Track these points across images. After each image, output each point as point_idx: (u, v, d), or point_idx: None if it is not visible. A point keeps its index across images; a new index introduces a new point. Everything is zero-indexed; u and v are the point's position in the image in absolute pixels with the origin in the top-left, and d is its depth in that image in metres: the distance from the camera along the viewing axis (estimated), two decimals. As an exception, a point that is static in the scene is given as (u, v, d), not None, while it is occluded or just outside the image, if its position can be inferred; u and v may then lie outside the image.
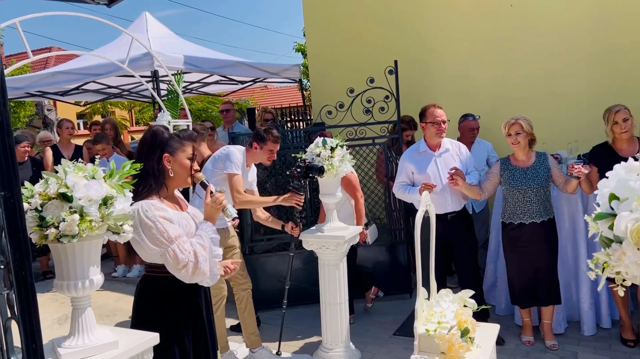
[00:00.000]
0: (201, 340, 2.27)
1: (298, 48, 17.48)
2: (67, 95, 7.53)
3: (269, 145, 3.67)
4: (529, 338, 3.91)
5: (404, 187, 3.93)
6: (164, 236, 2.06)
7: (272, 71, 7.16)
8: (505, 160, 3.84)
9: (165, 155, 2.20)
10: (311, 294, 4.39)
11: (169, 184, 2.24)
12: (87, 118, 16.49)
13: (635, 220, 1.09)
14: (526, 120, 3.69)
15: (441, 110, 3.85)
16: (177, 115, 4.16)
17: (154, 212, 2.08)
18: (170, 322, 2.17)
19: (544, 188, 3.70)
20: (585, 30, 5.06)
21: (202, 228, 2.20)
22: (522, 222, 3.72)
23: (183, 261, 2.05)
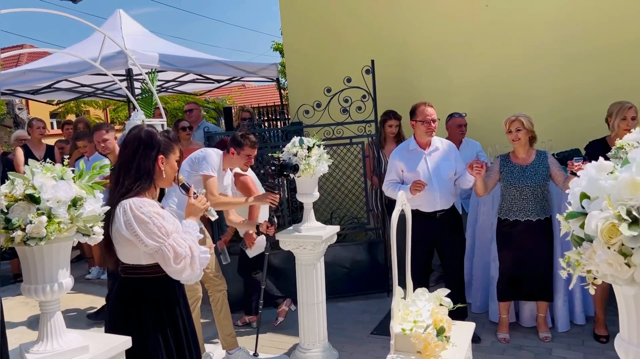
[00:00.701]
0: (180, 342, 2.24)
1: (276, 47, 17.42)
2: (38, 94, 7.36)
3: (246, 150, 3.65)
4: (504, 335, 3.95)
5: (393, 185, 3.90)
6: (161, 231, 2.05)
7: (249, 70, 7.11)
8: (505, 156, 3.86)
9: (161, 156, 2.22)
10: (288, 294, 4.37)
11: (157, 185, 2.26)
12: (60, 117, 16.17)
13: (605, 219, 1.10)
14: (527, 117, 3.70)
15: (432, 109, 3.83)
16: (152, 114, 4.10)
17: (148, 208, 2.07)
18: (146, 325, 2.14)
19: (541, 187, 3.72)
20: (559, 30, 5.13)
21: (188, 226, 2.21)
22: (517, 219, 3.75)
23: (182, 254, 2.05)
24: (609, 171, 1.17)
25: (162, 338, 2.16)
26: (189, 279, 2.14)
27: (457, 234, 3.96)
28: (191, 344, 2.30)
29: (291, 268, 3.88)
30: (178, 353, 2.22)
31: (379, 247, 5.02)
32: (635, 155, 1.13)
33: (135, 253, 2.12)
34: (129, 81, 5.36)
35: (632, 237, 1.06)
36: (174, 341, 2.21)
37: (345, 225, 5.18)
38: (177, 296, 2.26)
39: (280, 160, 3.53)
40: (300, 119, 5.09)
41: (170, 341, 2.19)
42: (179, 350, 2.23)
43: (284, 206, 4.98)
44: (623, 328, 1.21)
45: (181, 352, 2.24)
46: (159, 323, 2.16)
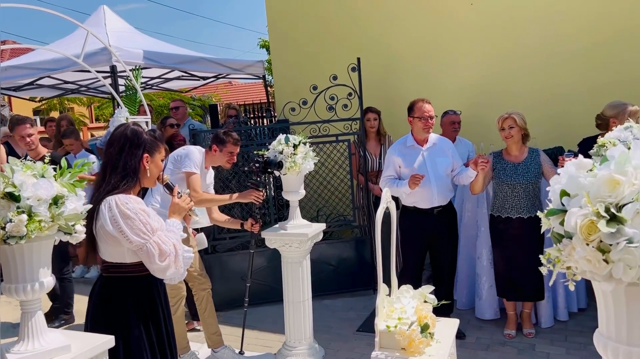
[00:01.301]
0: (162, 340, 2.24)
1: (263, 44, 17.37)
2: (21, 91, 7.25)
3: (228, 147, 3.63)
4: (511, 331, 3.95)
5: (391, 181, 3.89)
6: (147, 228, 2.04)
7: (235, 67, 7.08)
8: (498, 154, 3.89)
9: (146, 155, 2.21)
10: (275, 292, 4.37)
11: (142, 183, 2.25)
12: (43, 115, 15.95)
13: (584, 215, 1.11)
14: (520, 114, 3.72)
15: (429, 105, 3.83)
16: (136, 111, 4.06)
17: (134, 204, 2.06)
18: (131, 323, 2.13)
19: (533, 184, 3.74)
20: (543, 27, 5.17)
21: (172, 225, 2.20)
22: (509, 216, 3.78)
23: (167, 251, 2.05)
24: (589, 168, 1.19)
25: (145, 336, 2.15)
26: (172, 277, 2.13)
27: (453, 230, 3.98)
28: (172, 343, 2.31)
29: (277, 266, 3.88)
30: (160, 351, 2.22)
31: (366, 244, 5.04)
32: (614, 152, 1.15)
33: (119, 251, 2.10)
34: (113, 78, 5.31)
35: (610, 234, 1.07)
36: (157, 339, 2.21)
37: (332, 223, 5.19)
38: (159, 295, 2.25)
39: (264, 158, 3.53)
40: (287, 116, 5.08)
41: (154, 339, 2.19)
42: (161, 348, 2.23)
43: (270, 204, 4.98)
44: (602, 323, 1.23)
45: (163, 351, 2.24)
46: (142, 322, 2.16)
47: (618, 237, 1.07)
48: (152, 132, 2.30)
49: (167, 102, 14.54)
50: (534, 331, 3.94)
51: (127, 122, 2.31)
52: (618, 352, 1.17)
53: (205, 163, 3.70)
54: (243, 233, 4.68)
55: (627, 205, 1.09)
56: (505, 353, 3.72)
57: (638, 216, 1.07)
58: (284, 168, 3.51)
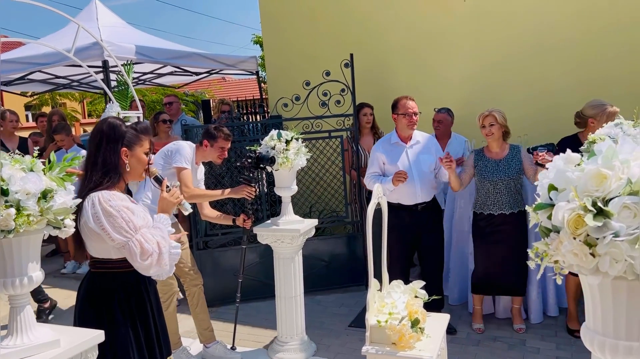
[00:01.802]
0: (150, 337, 2.22)
1: (256, 40, 17.32)
2: (11, 85, 7.19)
3: (219, 142, 3.61)
4: (479, 325, 4.02)
5: (375, 177, 3.92)
6: (129, 226, 2.01)
7: (228, 63, 7.05)
8: (479, 151, 3.91)
9: (124, 149, 2.16)
10: (268, 288, 4.37)
11: (125, 178, 2.21)
12: (34, 110, 15.84)
13: (571, 209, 1.11)
14: (500, 112, 3.74)
15: (413, 102, 3.86)
16: (128, 106, 4.04)
17: (117, 202, 2.03)
18: (117, 320, 2.11)
19: (514, 181, 3.76)
20: (535, 23, 5.18)
21: (159, 221, 2.16)
22: (491, 213, 3.80)
23: (149, 250, 2.01)
24: (576, 163, 1.19)
25: (132, 333, 2.13)
26: (158, 275, 2.11)
27: (438, 226, 4.00)
28: (161, 339, 2.27)
29: (269, 262, 3.88)
30: (148, 349, 2.19)
31: (358, 240, 5.04)
32: (602, 147, 1.15)
33: (104, 247, 2.08)
34: (105, 73, 5.27)
35: (597, 228, 1.08)
36: (145, 337, 2.18)
37: (324, 219, 5.19)
38: (147, 291, 2.23)
39: (256, 153, 3.52)
40: (279, 112, 5.07)
41: (141, 336, 2.16)
42: (149, 345, 2.20)
43: (262, 199, 4.97)
44: (589, 317, 1.24)
45: (151, 347, 2.21)
46: (129, 318, 2.13)
47: (604, 231, 1.08)
48: (134, 125, 2.25)
49: (160, 97, 14.47)
50: (524, 326, 3.97)
51: (107, 116, 2.26)
52: (604, 345, 1.18)
53: (195, 158, 3.68)
54: (235, 229, 4.67)
55: (614, 199, 1.09)
56: (496, 348, 3.75)
57: (624, 210, 1.07)
58: (276, 164, 3.51)
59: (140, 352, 2.15)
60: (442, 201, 4.82)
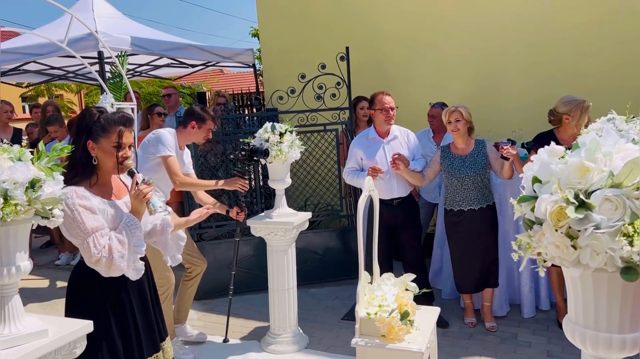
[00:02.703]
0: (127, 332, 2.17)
1: (254, 33, 17.25)
2: (6, 76, 7.14)
3: (208, 124, 3.58)
4: (471, 319, 4.04)
5: (353, 172, 3.99)
6: (81, 227, 1.98)
7: (225, 55, 7.03)
8: (445, 148, 3.92)
9: (89, 141, 2.08)
10: (261, 280, 4.37)
11: (99, 171, 2.12)
12: (30, 101, 15.76)
13: (554, 202, 1.12)
14: (465, 108, 3.76)
15: (389, 97, 3.91)
16: (122, 98, 4.03)
17: (74, 200, 1.99)
18: (98, 309, 2.10)
19: (481, 176, 3.78)
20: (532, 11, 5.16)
21: (125, 222, 2.08)
22: (461, 209, 3.81)
23: (95, 256, 1.97)
24: (560, 155, 1.19)
25: (103, 325, 2.07)
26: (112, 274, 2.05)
27: (414, 220, 4.03)
28: (141, 337, 2.20)
29: (263, 254, 3.89)
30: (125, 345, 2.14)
31: (352, 234, 5.05)
32: (585, 139, 1.15)
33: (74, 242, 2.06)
34: (100, 64, 5.25)
35: (579, 220, 1.08)
36: (120, 333, 2.14)
37: (319, 212, 5.20)
38: (126, 288, 2.16)
39: (250, 145, 3.52)
40: (275, 105, 5.06)
41: (114, 330, 2.11)
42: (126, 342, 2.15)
43: (257, 192, 4.97)
44: (570, 309, 1.24)
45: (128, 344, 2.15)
46: (100, 311, 2.09)
47: (586, 223, 1.08)
48: (108, 115, 2.11)
49: (156, 89, 14.42)
50: (495, 324, 3.95)
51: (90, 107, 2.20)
52: (585, 337, 1.19)
53: (179, 142, 3.59)
54: (229, 222, 4.68)
55: (596, 192, 1.10)
56: (488, 342, 3.76)
57: (606, 202, 1.08)
58: (269, 157, 3.51)
59: (109, 344, 2.09)
60: (437, 196, 4.83)
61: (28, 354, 1.72)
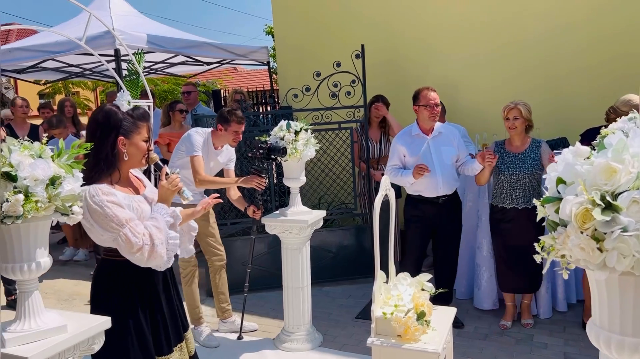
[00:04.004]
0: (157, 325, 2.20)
1: (268, 31, 17.27)
2: (25, 73, 7.24)
3: (233, 126, 3.65)
4: (506, 322, 3.94)
5: (396, 170, 3.86)
6: (114, 221, 1.98)
7: (239, 53, 7.04)
8: (500, 143, 3.88)
9: (120, 138, 2.11)
10: (275, 278, 4.38)
11: (122, 167, 2.15)
12: (47, 98, 15.94)
13: (579, 203, 1.10)
14: (526, 105, 3.69)
15: (435, 93, 3.79)
16: (138, 95, 4.05)
17: (101, 197, 2.00)
18: (127, 306, 2.12)
19: (530, 176, 3.71)
20: (550, 12, 5.11)
21: (157, 211, 2.12)
22: (504, 206, 3.78)
23: (137, 244, 1.98)
24: (586, 156, 1.17)
25: (132, 322, 2.10)
26: (158, 266, 2.07)
27: (457, 219, 3.98)
28: (169, 329, 2.23)
29: (277, 252, 3.89)
30: (154, 336, 2.16)
31: (366, 232, 5.04)
32: (612, 140, 1.13)
33: (102, 238, 2.06)
34: (116, 62, 5.29)
35: (605, 222, 1.06)
36: (151, 326, 2.16)
37: (333, 210, 5.19)
38: (154, 281, 2.19)
39: (267, 144, 3.52)
40: (290, 103, 5.06)
41: (144, 325, 2.13)
42: (156, 334, 2.17)
43: (272, 190, 4.98)
44: (595, 313, 1.22)
45: (157, 336, 2.18)
46: (129, 307, 2.11)
47: (612, 226, 1.06)
48: (131, 111, 2.17)
49: (171, 87, 14.51)
50: (532, 321, 3.94)
51: (103, 104, 2.22)
52: (610, 341, 1.17)
53: (214, 143, 3.75)
54: (244, 219, 4.70)
55: (623, 194, 1.07)
56: (503, 343, 3.73)
57: (633, 204, 1.06)
58: (286, 155, 3.51)
59: (141, 340, 2.12)
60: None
61: (48, 350, 1.74)
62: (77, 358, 1.87)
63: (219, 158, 3.83)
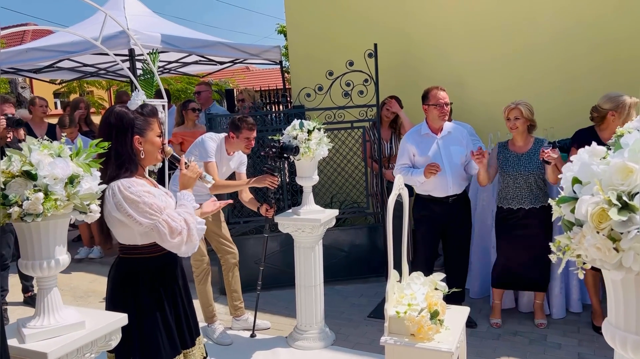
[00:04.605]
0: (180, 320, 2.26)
1: (280, 30, 17.28)
2: (41, 73, 7.34)
3: (244, 133, 3.69)
4: (496, 320, 3.98)
5: (406, 169, 3.86)
6: (153, 208, 2.03)
7: (252, 52, 7.07)
8: (503, 144, 3.87)
9: (136, 137, 2.15)
10: (287, 276, 4.41)
11: (142, 164, 2.22)
12: (62, 97, 16.11)
13: (595, 203, 1.10)
14: (527, 105, 3.67)
15: (444, 93, 3.79)
16: (152, 95, 4.09)
17: (137, 188, 2.05)
18: (154, 302, 2.16)
19: (535, 175, 3.69)
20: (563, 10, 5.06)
21: (184, 198, 2.19)
22: (511, 207, 3.76)
23: (177, 229, 2.04)
24: (602, 156, 1.17)
25: (160, 317, 2.15)
26: (187, 251, 2.13)
27: (468, 218, 3.97)
28: (190, 322, 2.30)
29: (290, 251, 3.91)
30: (178, 332, 2.22)
31: (378, 231, 5.04)
32: (628, 140, 1.13)
33: (130, 234, 2.11)
34: (131, 61, 5.34)
35: (621, 222, 1.06)
36: (175, 320, 2.21)
37: (345, 209, 5.20)
38: (176, 275, 2.26)
39: (280, 143, 3.54)
40: (302, 102, 5.07)
41: (170, 319, 2.18)
42: (179, 328, 2.23)
43: (284, 189, 5.00)
44: (611, 312, 1.22)
45: (181, 330, 2.24)
46: (156, 303, 2.16)
47: (629, 226, 1.06)
48: (140, 109, 2.21)
49: (184, 86, 14.58)
50: (545, 321, 3.92)
51: (112, 107, 2.26)
52: (626, 341, 1.16)
53: (227, 149, 3.79)
54: (256, 218, 4.72)
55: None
56: (517, 343, 3.71)
57: (650, 205, 1.05)
58: (298, 154, 3.53)
59: (169, 335, 2.17)
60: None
61: (66, 346, 1.78)
62: (95, 354, 1.90)
63: (230, 163, 3.88)
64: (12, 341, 1.76)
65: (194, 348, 2.30)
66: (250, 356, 3.65)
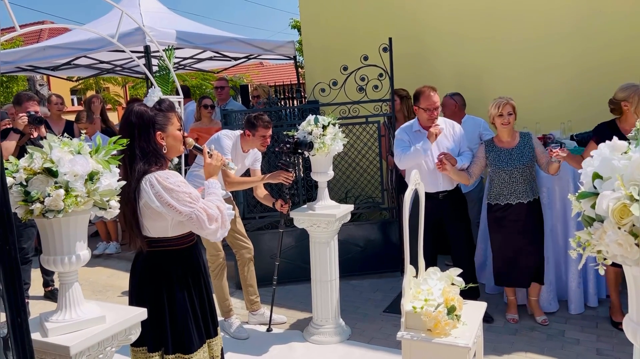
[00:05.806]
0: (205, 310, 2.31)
1: (294, 25, 17.25)
2: (58, 70, 7.43)
3: (260, 131, 3.70)
4: (513, 315, 3.96)
5: (406, 149, 3.82)
6: (192, 197, 2.09)
7: (266, 47, 7.08)
8: (489, 142, 3.85)
9: (158, 133, 2.20)
10: (303, 271, 4.42)
11: (167, 158, 2.28)
12: (80, 94, 16.31)
13: (616, 199, 1.08)
14: (512, 100, 3.71)
15: (436, 96, 3.78)
16: (169, 91, 4.12)
17: (174, 178, 2.11)
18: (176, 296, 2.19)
19: (529, 168, 3.71)
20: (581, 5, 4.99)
21: (212, 186, 2.24)
22: (508, 203, 3.74)
23: (214, 216, 2.10)
24: (623, 151, 1.16)
25: (189, 303, 2.22)
26: (221, 236, 2.18)
27: (461, 214, 3.96)
28: (212, 308, 2.37)
29: (305, 246, 3.93)
30: (204, 321, 2.28)
31: (393, 226, 5.03)
32: (651, 134, 1.11)
33: (163, 225, 2.16)
34: (146, 58, 5.38)
35: (644, 218, 1.05)
36: (199, 305, 2.27)
37: (360, 204, 5.19)
38: (201, 265, 2.32)
39: (295, 138, 3.55)
40: (317, 97, 5.07)
41: (197, 306, 2.25)
42: (203, 314, 2.29)
43: (299, 184, 5.01)
44: (632, 308, 1.21)
45: (205, 320, 2.30)
46: (186, 290, 2.22)
47: (651, 221, 1.05)
48: (158, 105, 2.25)
49: (199, 82, 14.67)
50: (546, 317, 3.88)
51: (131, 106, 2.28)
52: (647, 338, 1.15)
53: (243, 146, 3.81)
54: (272, 213, 4.74)
55: (663, 189, 1.06)
56: (534, 338, 3.69)
57: (673, 200, 1.04)
58: (312, 149, 3.53)
59: (197, 325, 2.24)
60: (479, 190, 4.75)
61: (88, 339, 1.81)
62: (115, 348, 1.93)
63: (245, 161, 3.91)
64: (35, 334, 1.79)
65: (217, 338, 2.36)
66: (266, 350, 3.67)
